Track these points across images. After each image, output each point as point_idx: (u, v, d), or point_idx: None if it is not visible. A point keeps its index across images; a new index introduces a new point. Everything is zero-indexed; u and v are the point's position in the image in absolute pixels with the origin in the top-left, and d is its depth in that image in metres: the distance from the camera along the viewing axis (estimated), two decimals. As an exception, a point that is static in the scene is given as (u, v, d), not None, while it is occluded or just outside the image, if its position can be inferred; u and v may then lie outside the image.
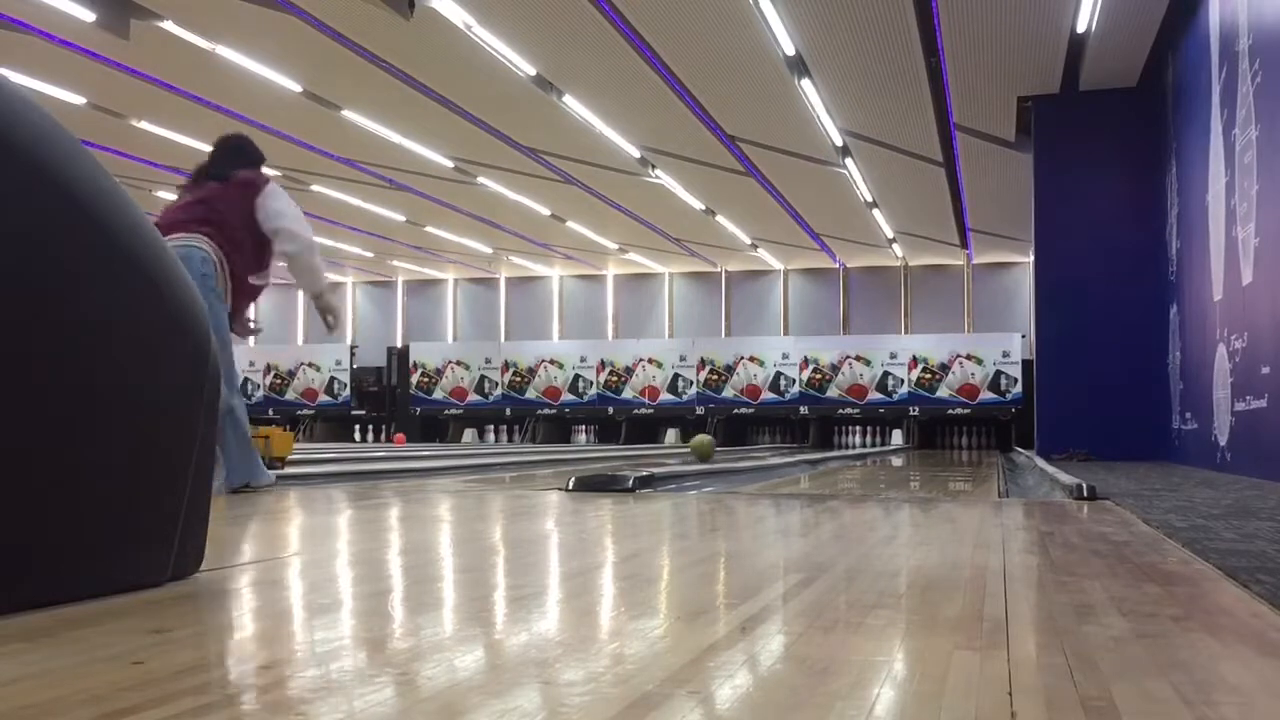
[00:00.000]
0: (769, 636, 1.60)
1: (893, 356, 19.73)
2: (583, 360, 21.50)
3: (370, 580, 2.36)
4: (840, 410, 19.92)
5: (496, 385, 21.92)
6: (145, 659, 1.41)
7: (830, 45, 10.36)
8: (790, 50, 10.30)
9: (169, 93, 11.73)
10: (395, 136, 13.36)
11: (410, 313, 24.84)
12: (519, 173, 15.10)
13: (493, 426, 22.17)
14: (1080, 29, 9.75)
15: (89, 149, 2.00)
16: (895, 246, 20.28)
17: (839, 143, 13.33)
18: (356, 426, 23.15)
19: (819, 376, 20.00)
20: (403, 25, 9.21)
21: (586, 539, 3.17)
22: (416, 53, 10.60)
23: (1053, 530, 3.31)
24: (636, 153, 13.97)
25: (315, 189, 15.91)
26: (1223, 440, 8.12)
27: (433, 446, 18.50)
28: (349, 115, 12.57)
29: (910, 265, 22.03)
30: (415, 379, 22.37)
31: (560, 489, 5.21)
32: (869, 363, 19.79)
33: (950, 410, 19.33)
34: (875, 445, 19.17)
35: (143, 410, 2.00)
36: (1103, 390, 11.04)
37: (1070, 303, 11.29)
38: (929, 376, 19.46)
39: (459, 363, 22.28)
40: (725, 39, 10.15)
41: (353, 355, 23.18)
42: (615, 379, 21.21)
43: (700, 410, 20.60)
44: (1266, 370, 6.74)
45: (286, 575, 2.37)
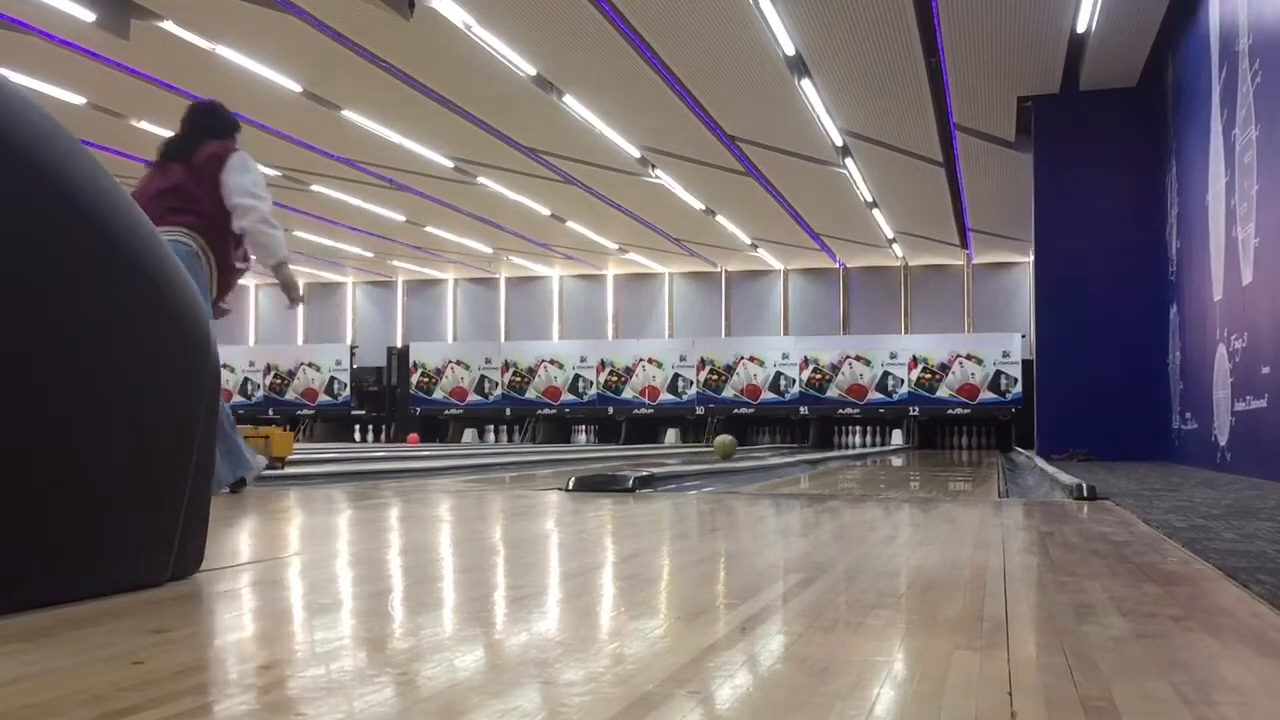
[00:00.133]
0: (769, 636, 1.60)
1: (893, 356, 19.73)
2: (583, 360, 21.50)
3: (370, 580, 2.36)
4: (840, 410, 19.92)
5: (496, 385, 21.92)
6: (145, 659, 1.41)
7: (830, 45, 10.36)
8: (790, 50, 10.30)
9: (169, 93, 11.72)
10: (395, 136, 13.36)
11: (410, 313, 24.84)
12: (519, 173, 15.11)
13: (493, 426, 22.17)
14: (1080, 29, 9.76)
15: (89, 149, 2.00)
16: (895, 246, 20.28)
17: (839, 143, 13.33)
18: (356, 426, 23.15)
19: (819, 376, 20.00)
20: (403, 25, 9.21)
21: (586, 539, 3.17)
22: (416, 53, 10.60)
23: (1053, 530, 3.31)
24: (636, 153, 13.97)
25: (315, 189, 15.90)
26: (1223, 440, 8.12)
27: (433, 446, 18.50)
28: (349, 115, 12.58)
29: (910, 265, 22.03)
30: (415, 379, 22.37)
31: (560, 489, 5.21)
32: (869, 363, 19.79)
33: (950, 410, 19.33)
34: (875, 445, 19.17)
35: (143, 410, 2.00)
36: (1103, 390, 11.04)
37: (1070, 303, 11.29)
38: (929, 376, 19.46)
39: (459, 363, 22.28)
40: (725, 39, 10.15)
41: (353, 355, 23.19)
42: (615, 379, 21.21)
43: (700, 410, 20.60)
44: (1266, 370, 6.74)
45: (286, 575, 2.36)
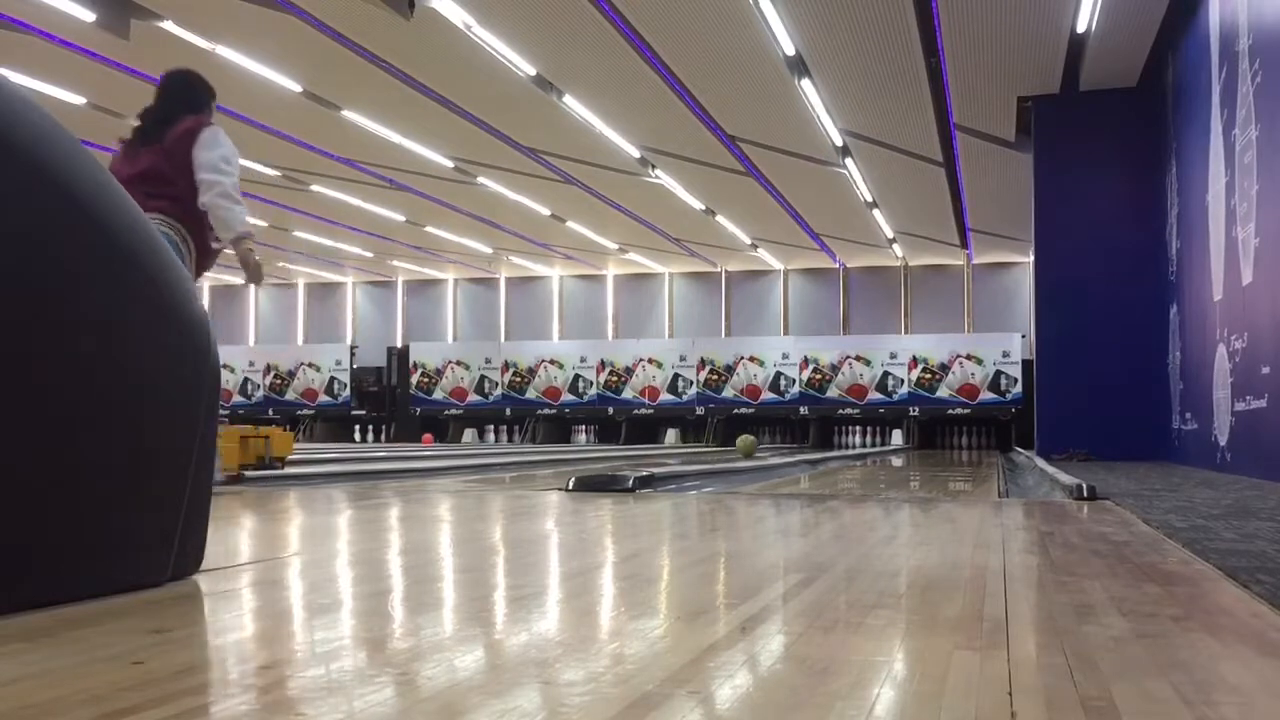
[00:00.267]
0: (769, 636, 1.60)
1: (893, 356, 19.73)
2: (583, 360, 21.50)
3: (370, 580, 2.36)
4: (840, 410, 19.92)
5: (496, 385, 21.92)
6: (145, 659, 1.41)
7: (830, 45, 10.36)
8: (790, 50, 10.30)
9: (169, 93, 11.71)
10: (395, 136, 13.36)
11: (410, 313, 24.83)
12: (519, 173, 15.10)
13: (493, 426, 22.17)
14: (1080, 29, 9.75)
15: (89, 149, 2.00)
16: (895, 246, 20.28)
17: (839, 143, 13.33)
18: (356, 426, 23.15)
19: (819, 376, 20.00)
20: (403, 25, 9.21)
21: (586, 539, 3.17)
22: (416, 53, 10.60)
23: (1053, 530, 3.31)
24: (636, 153, 13.97)
25: (315, 189, 15.90)
26: (1223, 440, 8.11)
27: (433, 446, 18.50)
28: (349, 115, 12.57)
29: (910, 265, 22.03)
30: (415, 379, 22.37)
31: (560, 489, 5.21)
32: (869, 363, 19.79)
33: (950, 410, 19.33)
34: (875, 445, 19.17)
35: (143, 409, 2.00)
36: (1103, 390, 11.04)
37: (1070, 303, 11.29)
38: (929, 376, 19.46)
39: (459, 363, 22.28)
40: (725, 39, 10.15)
41: (353, 355, 23.20)
42: (615, 379, 21.20)
43: (700, 410, 20.60)
44: (1266, 370, 6.74)
45: (286, 575, 2.36)
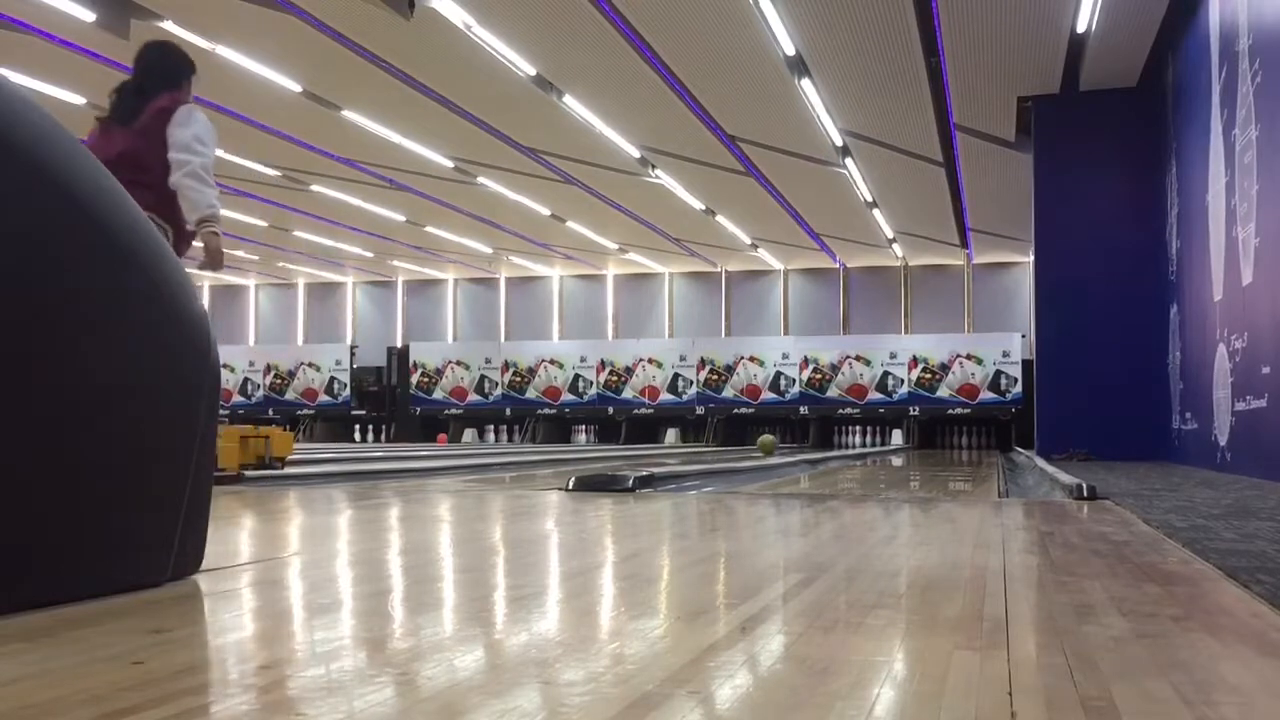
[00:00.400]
0: (769, 636, 1.60)
1: (893, 356, 19.73)
2: (583, 360, 21.50)
3: (370, 580, 2.36)
4: (840, 410, 19.92)
5: (496, 385, 21.92)
6: (145, 659, 1.41)
7: (830, 45, 10.36)
8: (790, 50, 10.30)
9: (169, 92, 11.71)
10: (395, 136, 13.36)
11: (410, 313, 24.83)
12: (519, 173, 15.10)
13: (493, 426, 22.17)
14: (1080, 29, 9.75)
15: (89, 149, 2.00)
16: (895, 246, 20.28)
17: (839, 143, 13.33)
18: (356, 426, 23.15)
19: (819, 376, 20.00)
20: (403, 25, 9.20)
21: (586, 539, 3.17)
22: (416, 53, 10.59)
23: (1053, 530, 3.31)
24: (636, 153, 13.97)
25: (315, 189, 15.90)
26: (1223, 440, 8.11)
27: (433, 446, 18.50)
28: (349, 115, 12.57)
29: (910, 265, 22.02)
30: (415, 379, 22.37)
31: (560, 489, 5.21)
32: (869, 363, 19.79)
33: (950, 410, 19.33)
34: (875, 445, 19.17)
35: (143, 409, 2.00)
36: (1103, 390, 11.04)
37: (1070, 303, 11.29)
38: (929, 376, 19.46)
39: (459, 363, 22.28)
40: (725, 39, 10.15)
41: (353, 355, 23.20)
42: (615, 379, 21.20)
43: (700, 410, 20.60)
44: (1266, 370, 6.74)
45: (286, 575, 2.36)
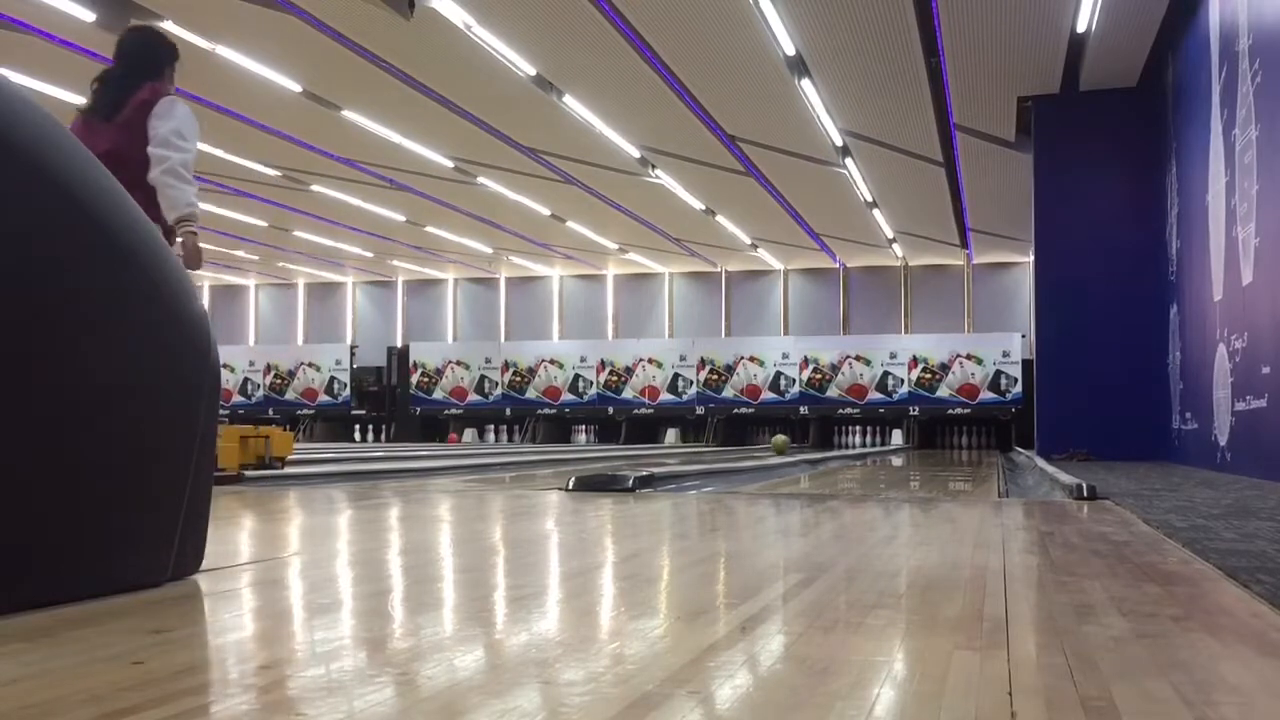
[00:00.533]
0: (769, 636, 1.60)
1: (893, 356, 19.73)
2: (583, 360, 21.50)
3: (370, 580, 2.36)
4: (840, 410, 19.92)
5: (496, 385, 21.92)
6: (145, 659, 1.41)
7: (830, 45, 10.35)
8: (790, 50, 10.30)
9: (169, 93, 11.71)
10: (395, 136, 13.35)
11: (410, 313, 24.83)
12: (519, 173, 15.10)
13: (493, 426, 22.17)
14: (1080, 29, 9.75)
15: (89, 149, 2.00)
16: (895, 246, 20.28)
17: (839, 143, 13.33)
18: (356, 426, 23.15)
19: (819, 376, 20.00)
20: (403, 25, 9.20)
21: (586, 539, 3.17)
22: (416, 53, 10.59)
23: (1053, 530, 3.31)
24: (636, 153, 13.97)
25: (315, 189, 15.90)
26: (1223, 440, 8.11)
27: (432, 446, 18.49)
28: (349, 115, 12.57)
29: (910, 265, 22.02)
30: (415, 379, 22.37)
31: (560, 489, 5.21)
32: (869, 363, 19.79)
33: (950, 410, 19.33)
34: (875, 445, 19.17)
35: (143, 409, 2.00)
36: (1103, 390, 11.04)
37: (1070, 303, 11.29)
38: (929, 376, 19.46)
39: (459, 363, 22.29)
40: (725, 39, 10.15)
41: (353, 355, 23.20)
42: (615, 379, 21.20)
43: (700, 410, 20.60)
44: (1266, 370, 6.74)
45: (286, 575, 2.36)
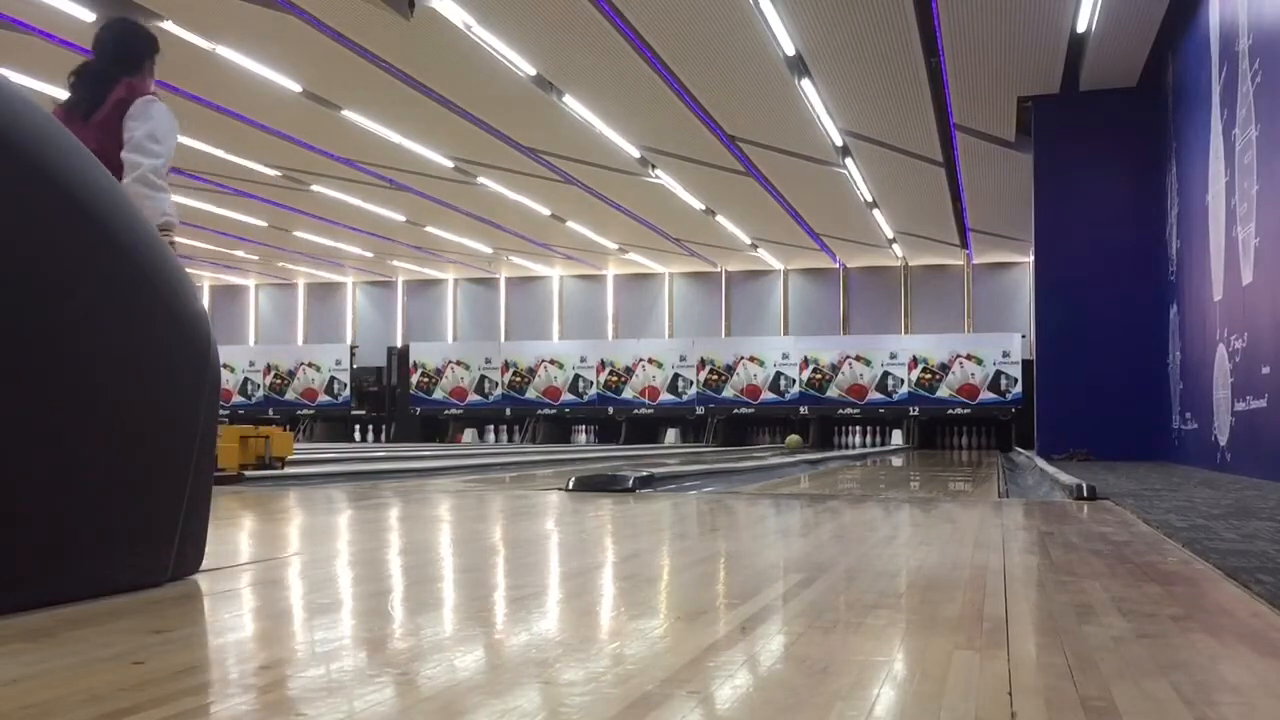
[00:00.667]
0: (769, 636, 1.60)
1: (893, 356, 19.72)
2: (583, 360, 21.49)
3: (370, 580, 2.36)
4: (840, 410, 19.91)
5: (496, 385, 21.92)
6: (145, 659, 1.41)
7: (830, 45, 10.35)
8: (790, 50, 10.30)
9: (169, 93, 11.70)
10: (395, 136, 13.35)
11: (410, 313, 24.82)
12: (519, 173, 15.10)
13: (493, 426, 22.17)
14: (1080, 29, 9.75)
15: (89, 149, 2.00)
16: (895, 246, 20.27)
17: (839, 143, 13.33)
18: (356, 426, 23.15)
19: (819, 376, 19.99)
20: (403, 25, 9.20)
21: (586, 539, 3.17)
22: (416, 53, 10.59)
23: (1053, 530, 3.31)
24: (636, 153, 13.96)
25: (315, 189, 15.89)
26: (1223, 440, 8.11)
27: (433, 446, 18.49)
28: (349, 115, 12.57)
29: (910, 265, 22.02)
30: (415, 379, 22.37)
31: (560, 489, 5.21)
32: (869, 363, 19.79)
33: (950, 410, 19.32)
34: (875, 445, 19.16)
35: (143, 409, 2.00)
36: (1103, 390, 11.04)
37: (1070, 303, 11.28)
38: (929, 376, 19.45)
39: (459, 363, 22.28)
40: (725, 39, 10.15)
41: (353, 355, 23.19)
42: (615, 379, 21.20)
43: (700, 410, 20.60)
44: (1266, 370, 6.74)
45: (286, 575, 2.36)
